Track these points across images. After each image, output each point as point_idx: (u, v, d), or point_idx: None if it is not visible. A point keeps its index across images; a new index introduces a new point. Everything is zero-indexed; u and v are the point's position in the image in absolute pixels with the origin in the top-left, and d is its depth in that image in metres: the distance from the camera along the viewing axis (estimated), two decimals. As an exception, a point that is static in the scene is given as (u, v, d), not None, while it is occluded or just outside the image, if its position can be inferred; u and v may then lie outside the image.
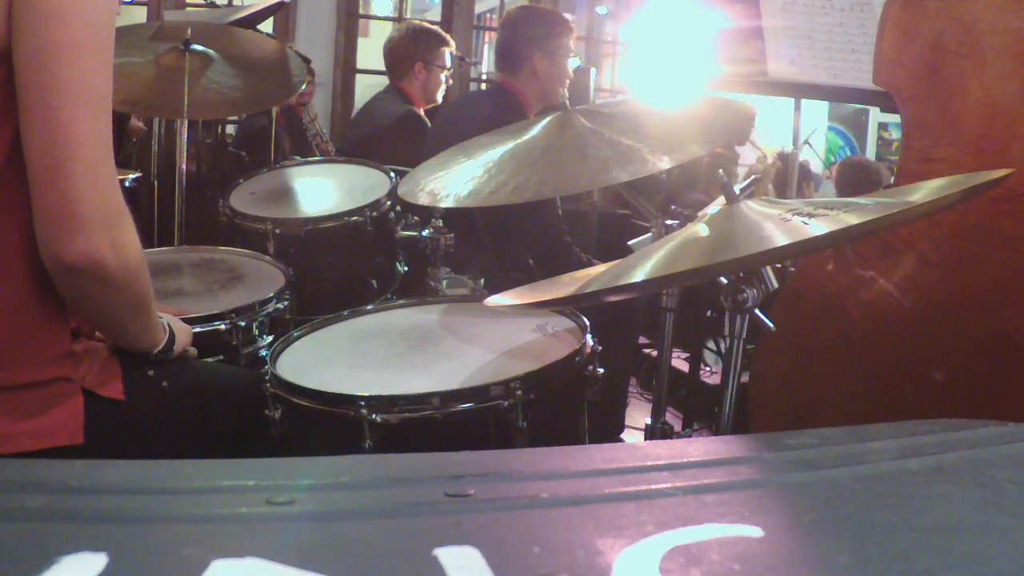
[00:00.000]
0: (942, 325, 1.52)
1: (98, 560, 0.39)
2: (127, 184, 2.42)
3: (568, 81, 2.57)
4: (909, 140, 1.59)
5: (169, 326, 1.19)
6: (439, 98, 3.15)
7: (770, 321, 1.20)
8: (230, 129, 4.22)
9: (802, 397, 1.73)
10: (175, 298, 1.58)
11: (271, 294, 1.56)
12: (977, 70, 1.47)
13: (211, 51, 2.17)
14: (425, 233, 1.84)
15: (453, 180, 1.42)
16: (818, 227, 0.93)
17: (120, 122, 3.40)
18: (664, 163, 1.28)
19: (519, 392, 1.13)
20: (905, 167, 1.59)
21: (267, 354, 1.32)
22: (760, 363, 1.79)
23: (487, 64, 6.08)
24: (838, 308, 1.66)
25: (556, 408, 1.24)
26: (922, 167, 1.53)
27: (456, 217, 1.83)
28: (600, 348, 1.26)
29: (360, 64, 4.85)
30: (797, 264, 1.87)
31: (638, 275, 1.00)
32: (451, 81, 3.26)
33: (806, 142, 4.49)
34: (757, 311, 1.14)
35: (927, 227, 1.53)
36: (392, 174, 1.97)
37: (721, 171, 1.12)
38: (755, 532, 0.45)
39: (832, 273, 1.67)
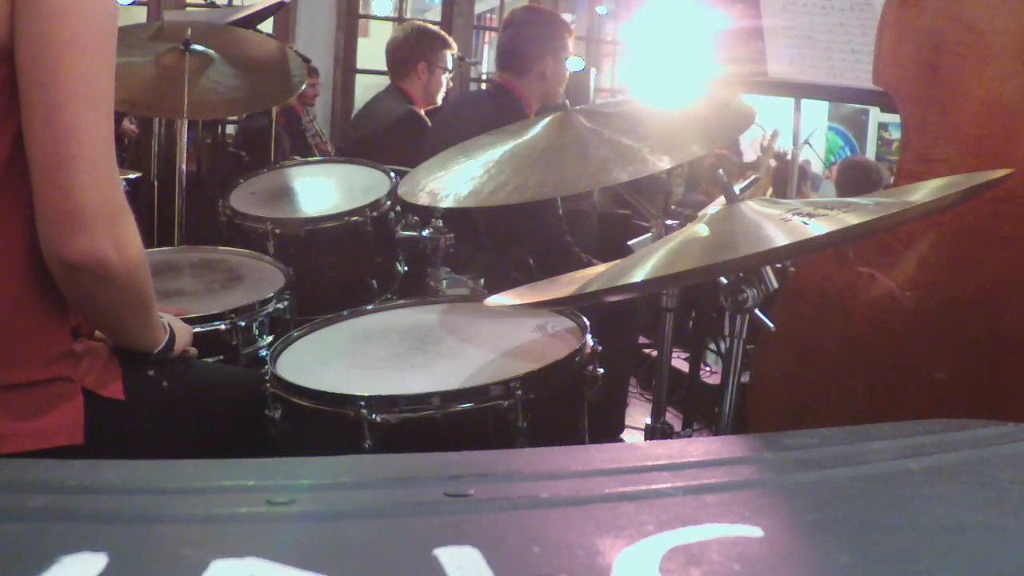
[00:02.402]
0: (941, 325, 1.52)
1: (98, 560, 0.39)
2: (124, 186, 2.41)
3: (566, 81, 2.58)
4: (908, 140, 1.58)
5: (169, 326, 1.19)
6: (439, 100, 3.16)
7: (770, 321, 1.20)
8: (230, 129, 4.23)
9: (802, 397, 1.73)
10: (175, 298, 1.58)
11: (271, 294, 1.56)
12: (976, 70, 1.46)
13: (211, 51, 2.17)
14: (425, 233, 1.84)
15: (453, 180, 1.42)
16: (818, 227, 0.93)
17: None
18: (664, 163, 1.29)
19: (519, 392, 1.13)
20: (904, 167, 1.59)
21: (267, 354, 1.32)
22: (760, 363, 1.79)
23: (487, 64, 6.09)
24: (838, 308, 1.66)
25: (556, 408, 1.24)
26: (921, 167, 1.53)
27: (456, 217, 1.83)
28: (600, 348, 1.26)
29: (360, 64, 4.86)
30: (797, 264, 1.87)
31: (638, 275, 1.00)
32: (451, 84, 3.27)
33: (806, 142, 4.50)
34: (757, 311, 1.14)
35: (926, 228, 1.53)
36: (392, 174, 1.97)
37: (721, 171, 1.12)
38: (755, 532, 0.45)
39: (832, 273, 1.67)
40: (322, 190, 2.07)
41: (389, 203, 1.88)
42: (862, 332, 1.63)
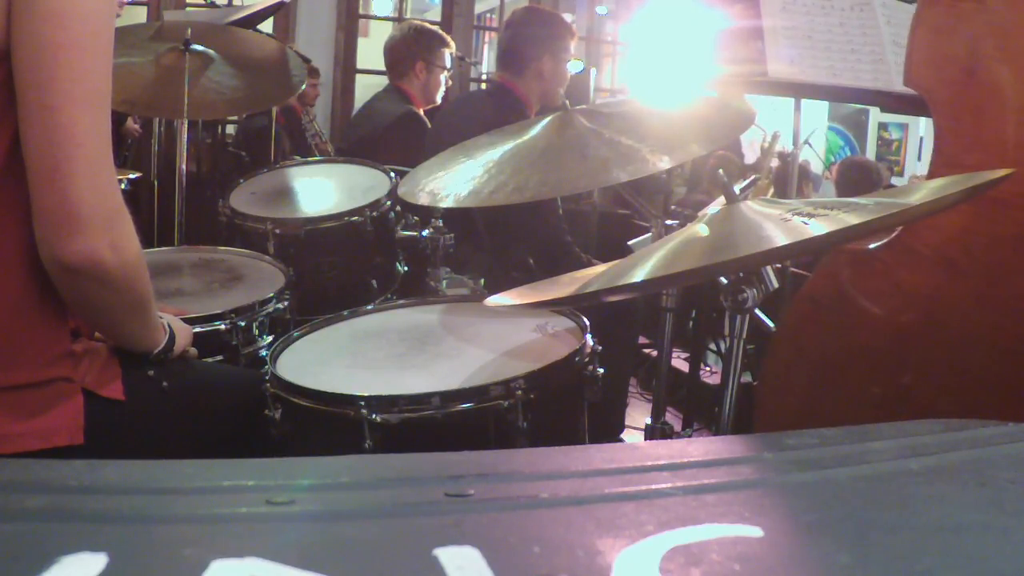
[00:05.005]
0: (968, 335, 1.47)
1: (98, 560, 0.39)
2: (124, 186, 2.42)
3: (566, 82, 2.58)
4: (940, 144, 1.52)
5: (169, 326, 1.19)
6: (438, 99, 3.16)
7: (771, 321, 1.20)
8: (230, 129, 4.23)
9: (815, 406, 1.67)
10: (175, 298, 1.58)
11: (271, 294, 1.56)
12: (1015, 76, 1.42)
13: (211, 51, 2.17)
14: (425, 233, 1.84)
15: (453, 180, 1.42)
16: (818, 227, 0.93)
17: (117, 123, 3.40)
18: (664, 163, 1.29)
19: (519, 392, 1.13)
20: (935, 172, 1.51)
21: (267, 354, 1.32)
22: (768, 367, 1.76)
23: (487, 64, 6.09)
24: (856, 315, 1.62)
25: (556, 408, 1.24)
26: (952, 172, 1.48)
27: (456, 217, 1.83)
28: (600, 348, 1.26)
29: (360, 64, 4.86)
30: (813, 268, 1.83)
31: (638, 275, 1.00)
32: (450, 83, 3.27)
33: (806, 142, 4.49)
34: (757, 311, 1.14)
35: (961, 235, 1.48)
36: (392, 174, 1.97)
37: (721, 171, 1.12)
38: (755, 532, 0.45)
39: (850, 278, 1.62)
40: (322, 190, 2.07)
41: (389, 203, 1.88)
42: (881, 340, 1.59)
